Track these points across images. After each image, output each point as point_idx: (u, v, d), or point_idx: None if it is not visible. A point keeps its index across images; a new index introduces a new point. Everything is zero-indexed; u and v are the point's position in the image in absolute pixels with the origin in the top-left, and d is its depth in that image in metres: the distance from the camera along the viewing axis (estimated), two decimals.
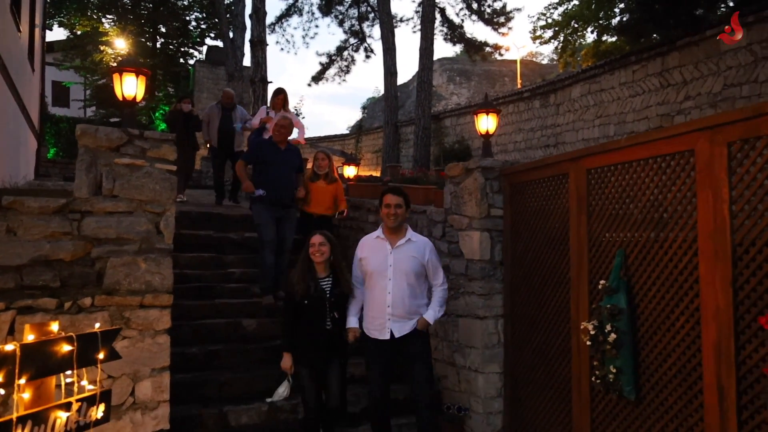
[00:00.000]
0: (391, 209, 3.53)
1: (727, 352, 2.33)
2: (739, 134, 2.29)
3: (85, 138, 3.22)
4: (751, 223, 2.25)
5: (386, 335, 3.49)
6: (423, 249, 3.60)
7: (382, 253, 3.57)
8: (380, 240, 3.63)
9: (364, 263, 3.62)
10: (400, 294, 3.48)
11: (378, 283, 3.52)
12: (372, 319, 3.56)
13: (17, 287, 3.02)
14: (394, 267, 3.50)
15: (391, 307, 3.48)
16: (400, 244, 3.56)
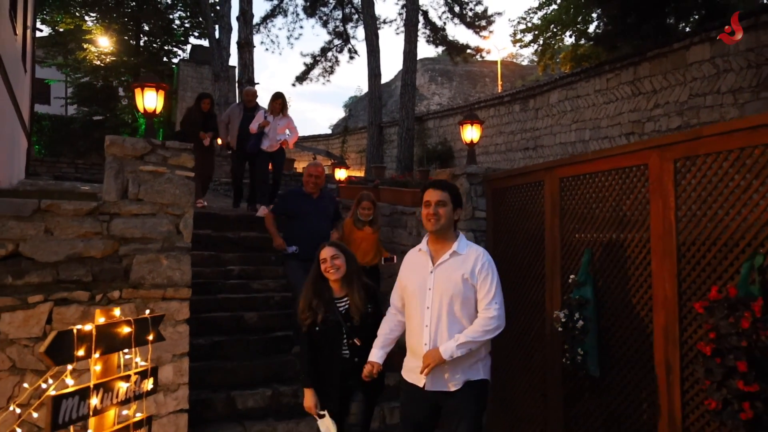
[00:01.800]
0: (431, 208, 2.71)
1: (672, 334, 2.80)
2: (682, 153, 2.75)
3: (113, 148, 3.58)
4: (691, 227, 2.71)
5: (421, 382, 2.68)
6: (473, 264, 2.70)
7: (421, 272, 2.76)
8: (422, 254, 2.82)
9: (402, 285, 2.86)
10: (441, 329, 2.65)
11: (415, 312, 2.73)
12: (408, 359, 2.81)
13: (54, 281, 3.37)
14: (434, 291, 2.67)
15: (429, 346, 2.65)
16: (444, 261, 2.73)
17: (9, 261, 3.28)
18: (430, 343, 2.65)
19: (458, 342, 2.60)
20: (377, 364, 2.87)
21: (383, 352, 2.91)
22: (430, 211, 2.70)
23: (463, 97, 39.36)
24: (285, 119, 7.29)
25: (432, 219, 2.70)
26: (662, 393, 2.86)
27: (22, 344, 3.27)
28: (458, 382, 2.64)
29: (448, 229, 2.75)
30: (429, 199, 2.73)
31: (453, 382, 2.65)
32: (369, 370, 2.86)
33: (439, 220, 2.69)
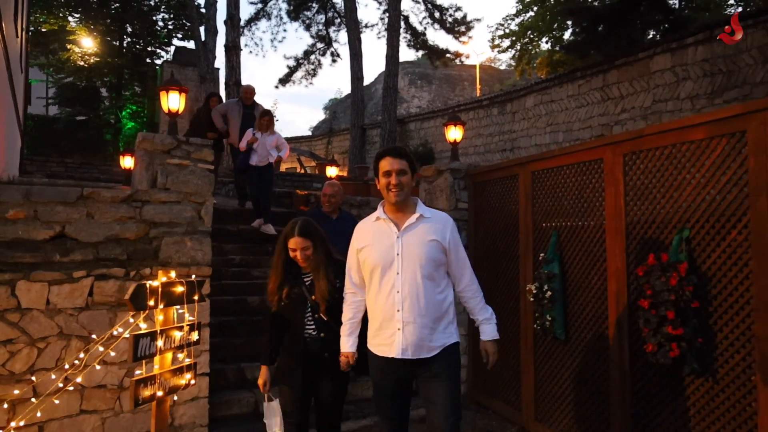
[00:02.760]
0: (392, 177, 2.55)
1: (622, 298, 3.41)
2: (629, 148, 3.37)
3: (144, 143, 4.08)
4: (636, 209, 3.33)
5: (398, 352, 2.52)
6: (443, 228, 2.63)
7: (386, 239, 2.60)
8: (381, 222, 2.65)
9: (362, 256, 2.67)
10: (415, 292, 2.53)
11: (384, 280, 2.57)
12: (377, 331, 2.62)
13: (95, 259, 3.86)
14: (403, 256, 2.55)
15: (402, 311, 2.52)
16: (411, 224, 2.59)
17: (57, 241, 3.76)
18: (403, 309, 2.51)
19: (492, 319, 2.74)
20: (351, 353, 2.77)
21: (354, 338, 2.79)
22: (392, 181, 2.54)
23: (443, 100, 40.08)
24: (273, 136, 7.42)
25: (395, 189, 2.55)
26: (614, 347, 3.47)
27: (68, 313, 3.75)
28: (436, 347, 2.56)
29: (408, 196, 2.63)
30: (389, 168, 2.56)
31: (431, 349, 2.55)
32: (345, 361, 2.78)
33: (403, 189, 2.55)
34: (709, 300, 2.85)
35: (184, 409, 4.08)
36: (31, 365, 3.63)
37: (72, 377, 3.65)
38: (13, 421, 3.52)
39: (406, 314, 2.53)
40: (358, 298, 2.79)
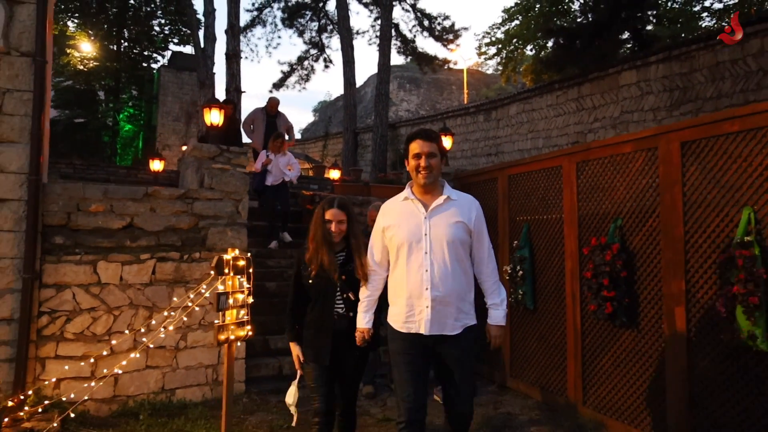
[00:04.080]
0: (422, 160, 2.63)
1: (575, 273, 4.41)
2: (581, 158, 4.38)
3: (194, 152, 5.02)
4: (585, 205, 4.34)
5: (425, 328, 2.61)
6: (468, 210, 2.72)
7: (413, 219, 2.67)
8: (409, 202, 2.72)
9: (388, 234, 2.74)
10: (443, 271, 2.61)
11: (411, 259, 2.64)
12: (401, 308, 2.69)
13: (156, 245, 4.78)
14: (431, 236, 2.63)
15: (430, 289, 2.60)
16: (438, 205, 2.68)
17: (127, 230, 4.68)
18: (432, 287, 2.59)
19: (502, 305, 2.78)
20: (367, 329, 2.86)
21: (370, 315, 2.88)
22: (422, 164, 2.63)
23: (431, 103, 41.03)
24: (286, 157, 7.90)
25: (424, 171, 2.63)
26: (569, 312, 4.47)
27: (136, 288, 4.67)
28: (459, 326, 2.65)
29: (437, 179, 2.72)
30: (419, 150, 2.65)
31: (455, 327, 2.64)
32: (360, 337, 2.87)
33: (432, 171, 2.64)
34: (634, 270, 3.86)
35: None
36: (109, 329, 4.55)
37: (140, 339, 4.59)
38: (95, 373, 4.44)
39: (435, 293, 2.59)
40: (378, 276, 2.86)
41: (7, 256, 4.19)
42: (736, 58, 8.13)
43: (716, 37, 8.37)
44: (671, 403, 3.55)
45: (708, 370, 3.33)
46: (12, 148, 4.23)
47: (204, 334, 4.92)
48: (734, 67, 8.17)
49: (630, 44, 11.65)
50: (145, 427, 4.21)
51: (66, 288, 4.42)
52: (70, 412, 4.00)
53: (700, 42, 8.71)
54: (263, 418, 4.54)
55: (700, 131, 3.39)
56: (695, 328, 3.41)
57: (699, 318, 3.39)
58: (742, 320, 3.00)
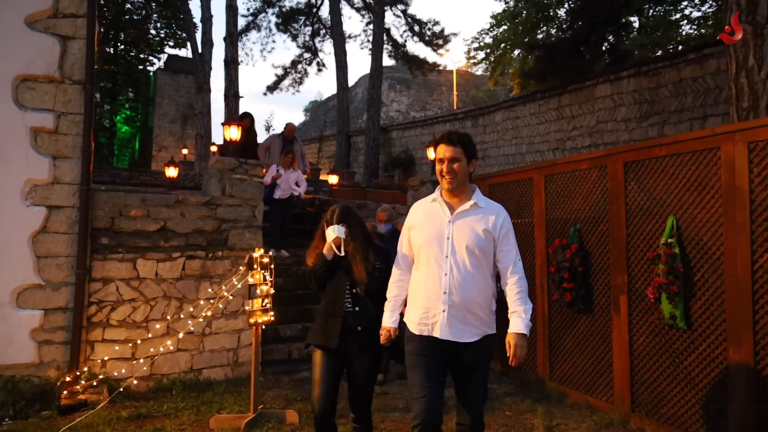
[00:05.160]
0: (445, 165, 2.62)
1: (544, 269, 5.23)
2: (548, 171, 5.20)
3: (217, 164, 5.79)
4: (551, 211, 5.16)
5: (439, 332, 2.58)
6: (495, 218, 2.67)
7: (437, 221, 2.67)
8: (436, 204, 2.73)
9: (413, 234, 2.75)
10: (463, 277, 2.57)
11: (431, 261, 2.64)
12: (418, 309, 2.67)
13: (185, 245, 5.55)
14: (454, 241, 2.61)
15: (448, 294, 2.57)
16: (464, 210, 2.66)
17: (161, 232, 5.44)
18: (450, 292, 2.55)
19: (527, 316, 2.64)
20: (393, 329, 2.82)
21: (396, 314, 2.84)
22: (445, 168, 2.61)
23: (421, 104, 41.72)
24: (295, 173, 8.40)
25: (448, 176, 2.61)
26: (538, 302, 5.30)
27: (168, 282, 5.43)
28: (477, 334, 2.61)
29: (464, 183, 2.66)
30: (442, 156, 2.62)
31: (473, 335, 2.60)
32: (386, 335, 2.82)
33: (456, 177, 2.60)
34: (589, 266, 4.69)
35: (244, 351, 5.79)
36: (146, 317, 5.31)
37: (172, 326, 5.36)
38: (135, 354, 5.21)
39: (453, 297, 2.55)
40: (405, 276, 2.83)
41: (62, 255, 4.94)
42: (697, 76, 9.02)
43: (682, 55, 9.27)
44: (617, 374, 4.39)
45: (643, 345, 4.17)
46: (66, 162, 4.98)
47: (226, 322, 5.69)
48: (695, 83, 9.05)
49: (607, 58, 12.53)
50: (180, 399, 4.98)
51: (111, 282, 5.17)
52: (119, 387, 4.77)
53: (666, 60, 9.59)
54: (278, 393, 5.32)
55: (638, 154, 4.23)
56: (634, 312, 4.25)
57: (637, 304, 4.22)
58: (666, 304, 3.83)
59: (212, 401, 4.96)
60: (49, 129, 4.94)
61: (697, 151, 3.75)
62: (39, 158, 4.90)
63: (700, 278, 3.73)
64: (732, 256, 3.49)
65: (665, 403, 3.98)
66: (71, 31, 5.04)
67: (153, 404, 4.82)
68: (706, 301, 3.69)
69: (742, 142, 3.44)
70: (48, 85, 4.95)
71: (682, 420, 3.85)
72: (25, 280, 4.82)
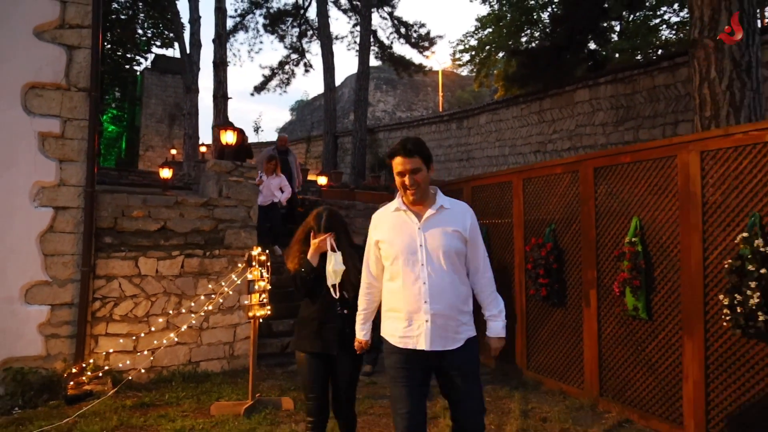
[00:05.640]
0: (406, 178, 2.55)
1: (522, 266, 5.62)
2: (526, 175, 5.58)
3: (215, 167, 6.09)
4: (529, 212, 5.55)
5: (425, 344, 2.51)
6: (463, 218, 2.65)
7: (407, 230, 2.60)
8: (401, 213, 2.64)
9: (382, 247, 2.66)
10: (442, 283, 2.53)
11: (407, 271, 2.56)
12: (399, 322, 2.59)
13: (184, 243, 5.84)
14: (427, 247, 2.55)
15: (429, 302, 2.51)
16: (432, 215, 2.60)
17: (161, 231, 5.73)
18: (431, 301, 2.49)
19: (500, 316, 2.66)
20: (365, 341, 2.87)
21: (368, 326, 2.87)
22: (407, 182, 2.53)
23: (407, 104, 42.05)
24: (278, 179, 8.49)
25: (411, 189, 2.54)
26: (517, 296, 5.68)
27: (168, 279, 5.72)
28: (461, 339, 2.56)
29: (427, 191, 2.62)
30: (402, 169, 2.54)
31: (457, 341, 2.56)
32: (359, 347, 2.89)
33: (419, 188, 2.54)
34: (563, 263, 5.08)
35: (240, 344, 6.10)
36: (147, 312, 5.60)
37: (172, 321, 5.66)
38: (137, 347, 5.50)
39: (435, 306, 2.49)
40: (374, 289, 2.79)
41: (68, 253, 5.21)
42: (669, 84, 9.49)
43: (655, 63, 9.73)
44: (587, 361, 4.78)
45: (610, 335, 4.57)
46: (72, 165, 5.25)
47: (222, 317, 6.00)
48: (668, 91, 9.52)
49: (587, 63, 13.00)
50: (180, 389, 5.28)
51: (114, 279, 5.46)
52: (122, 378, 5.06)
53: (640, 67, 10.06)
54: (273, 383, 5.64)
55: (606, 160, 4.62)
56: (602, 305, 4.64)
57: (605, 297, 4.62)
58: (630, 297, 4.23)
59: (211, 391, 5.27)
60: (55, 134, 5.21)
61: (658, 159, 4.15)
62: (46, 161, 5.17)
63: (659, 273, 4.13)
64: (687, 254, 3.89)
65: (629, 387, 4.38)
66: (77, 41, 5.32)
67: (155, 394, 5.12)
68: (665, 294, 4.09)
69: (695, 151, 3.84)
70: (55, 92, 5.22)
71: (644, 402, 4.25)
72: (33, 277, 5.09)
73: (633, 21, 18.94)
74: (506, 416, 4.51)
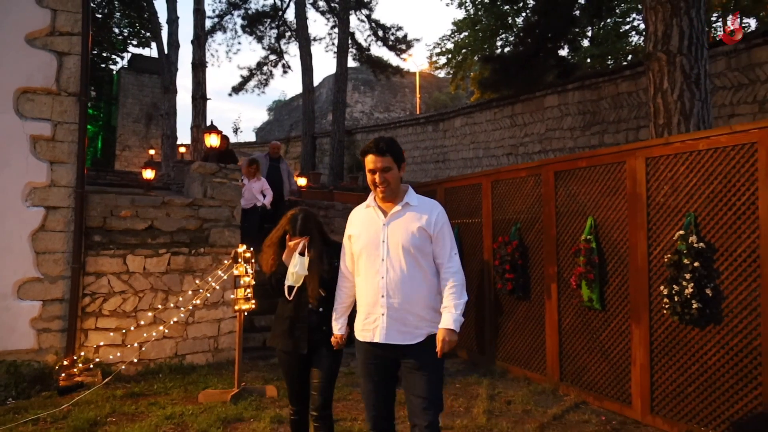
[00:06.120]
0: (377, 176, 2.61)
1: (491, 262, 6.02)
2: (494, 178, 5.99)
3: (199, 169, 6.36)
4: (496, 212, 5.96)
5: (381, 336, 2.59)
6: (429, 214, 2.66)
7: (373, 226, 2.69)
8: (371, 210, 2.74)
9: (353, 242, 2.76)
10: (400, 278, 2.58)
11: (368, 266, 2.66)
12: (361, 315, 2.71)
13: (171, 242, 6.11)
14: (389, 243, 2.62)
15: (386, 296, 2.59)
16: (397, 211, 2.66)
17: (149, 230, 5.99)
18: (387, 295, 2.56)
19: (455, 309, 2.58)
20: (341, 335, 2.90)
21: (343, 321, 2.91)
22: (377, 179, 2.60)
23: (384, 105, 42.40)
24: (259, 182, 8.64)
25: (381, 187, 2.61)
26: (486, 291, 6.08)
27: (155, 275, 5.99)
28: (420, 335, 2.58)
29: (397, 188, 2.66)
30: (373, 167, 2.60)
31: (415, 336, 2.58)
32: (335, 342, 2.91)
33: (389, 185, 2.60)
34: (527, 259, 5.49)
35: (224, 338, 6.39)
36: (135, 307, 5.86)
37: (159, 316, 5.92)
38: (126, 341, 5.75)
39: (391, 300, 2.55)
40: (349, 284, 2.85)
41: (59, 251, 5.45)
42: (632, 91, 10.03)
43: (619, 71, 10.26)
44: (548, 350, 5.20)
45: (569, 325, 4.99)
46: (63, 167, 5.49)
47: (207, 312, 6.28)
48: (630, 98, 10.07)
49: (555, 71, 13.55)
50: (167, 380, 5.55)
51: (103, 275, 5.70)
52: (111, 370, 5.31)
53: (605, 75, 10.60)
54: (256, 374, 5.94)
55: (565, 165, 5.05)
56: (562, 297, 5.07)
57: (564, 290, 5.04)
58: (585, 290, 4.65)
59: (197, 381, 5.55)
60: (47, 137, 5.44)
61: (610, 164, 4.58)
62: (38, 163, 5.39)
63: (611, 268, 4.57)
64: (634, 250, 4.33)
65: (586, 372, 4.81)
66: (67, 47, 5.55)
67: (144, 385, 5.38)
68: (616, 287, 4.52)
69: (641, 157, 4.28)
70: (46, 96, 5.45)
71: (599, 385, 4.68)
72: (25, 273, 5.31)
73: (603, 27, 19.67)
74: (474, 400, 4.90)
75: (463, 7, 24.33)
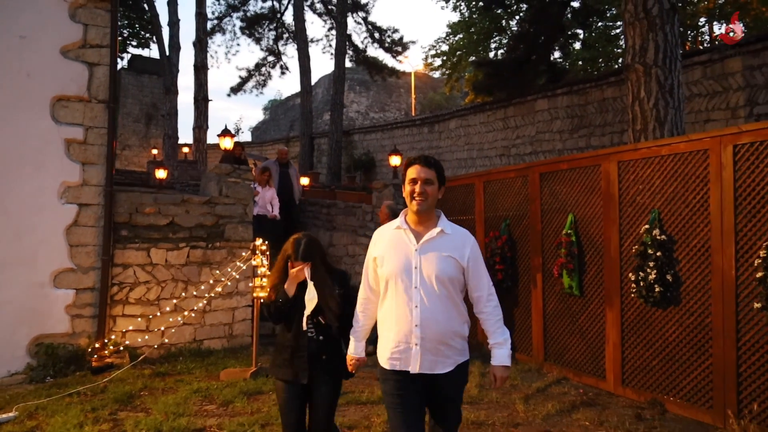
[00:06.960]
0: (417, 186, 2.53)
1: (484, 251, 6.57)
2: (485, 178, 6.57)
3: (216, 169, 6.92)
4: (488, 209, 6.54)
5: (414, 366, 2.51)
6: (462, 245, 2.62)
7: (404, 251, 2.57)
8: (401, 232, 2.62)
9: (379, 264, 2.65)
10: (433, 308, 2.50)
11: (400, 293, 2.55)
12: (389, 343, 2.59)
13: (190, 236, 6.66)
14: (422, 270, 2.52)
15: (420, 327, 2.50)
16: (431, 238, 2.57)
17: (170, 225, 6.54)
18: (421, 325, 2.49)
19: (506, 345, 2.63)
20: (362, 358, 2.82)
21: (364, 343, 2.84)
22: (417, 190, 2.52)
23: (380, 105, 42.92)
24: (271, 190, 8.98)
25: (419, 198, 2.52)
26: None
27: (176, 267, 6.53)
28: (450, 363, 2.56)
29: (432, 208, 2.60)
30: (415, 176, 2.54)
31: (446, 365, 2.55)
32: (355, 364, 2.81)
33: (427, 199, 2.53)
34: (515, 252, 6.08)
35: (238, 325, 6.94)
36: (158, 296, 6.40)
37: (180, 304, 6.47)
38: (149, 327, 6.30)
39: (425, 331, 2.49)
40: (371, 304, 2.78)
41: (90, 244, 5.99)
42: (617, 96, 10.64)
43: (605, 78, 10.87)
44: (534, 333, 5.79)
45: (552, 310, 5.58)
46: (93, 168, 6.03)
47: (223, 301, 6.83)
48: (615, 102, 10.67)
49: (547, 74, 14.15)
50: (189, 362, 6.10)
51: (129, 267, 6.24)
52: (138, 353, 5.86)
53: (592, 81, 11.20)
54: (268, 357, 6.49)
55: (549, 167, 5.63)
56: (546, 285, 5.66)
57: (548, 279, 5.63)
58: (566, 278, 5.24)
59: (216, 363, 6.11)
60: (79, 140, 5.97)
61: (587, 167, 5.17)
62: (71, 164, 5.93)
63: (589, 258, 5.16)
64: (608, 242, 4.92)
65: (566, 351, 5.40)
66: (97, 58, 6.09)
67: (167, 366, 5.94)
68: (593, 275, 5.12)
69: (614, 161, 4.87)
70: (78, 103, 5.99)
71: (578, 362, 5.27)
72: (60, 264, 5.85)
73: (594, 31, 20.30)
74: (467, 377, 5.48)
75: (457, 10, 24.90)
